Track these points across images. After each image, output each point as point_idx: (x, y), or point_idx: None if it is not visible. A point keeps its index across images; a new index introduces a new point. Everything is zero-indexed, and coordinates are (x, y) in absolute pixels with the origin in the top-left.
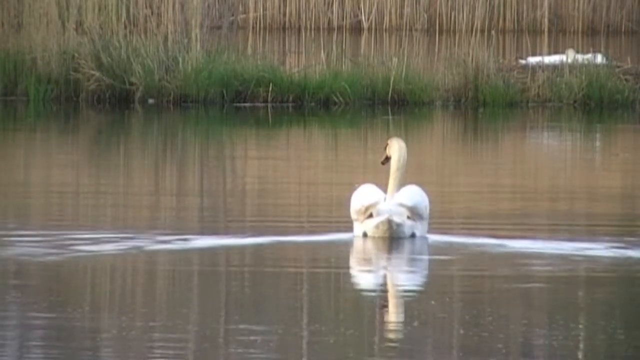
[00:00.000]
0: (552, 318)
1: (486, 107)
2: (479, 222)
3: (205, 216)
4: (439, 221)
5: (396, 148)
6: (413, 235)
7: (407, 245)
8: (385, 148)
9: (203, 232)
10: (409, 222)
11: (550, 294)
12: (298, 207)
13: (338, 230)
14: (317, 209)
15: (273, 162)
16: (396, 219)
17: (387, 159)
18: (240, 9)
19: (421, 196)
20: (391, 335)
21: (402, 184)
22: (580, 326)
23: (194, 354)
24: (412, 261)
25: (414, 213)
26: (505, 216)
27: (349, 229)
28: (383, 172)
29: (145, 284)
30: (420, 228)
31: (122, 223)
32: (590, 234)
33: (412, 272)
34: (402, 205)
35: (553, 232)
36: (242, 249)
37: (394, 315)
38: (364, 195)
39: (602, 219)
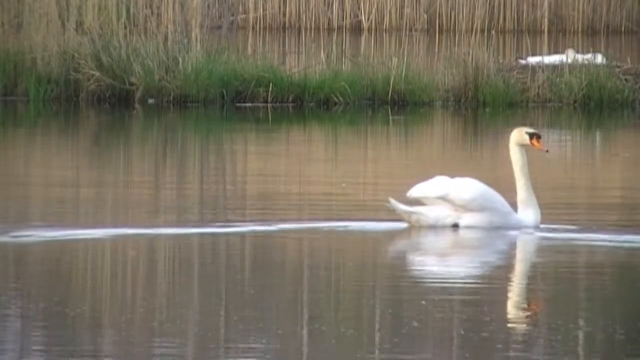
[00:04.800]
0: (549, 318)
1: (486, 107)
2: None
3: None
4: None
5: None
6: (456, 226)
7: (433, 236)
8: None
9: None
10: (444, 212)
11: (550, 285)
12: (296, 202)
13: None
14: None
15: (273, 159)
16: (401, 206)
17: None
18: (240, 9)
19: (459, 188)
20: (389, 335)
21: (526, 185)
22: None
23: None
24: (410, 254)
25: (456, 204)
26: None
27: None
28: (382, 170)
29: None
30: (468, 219)
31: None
32: (589, 227)
33: (415, 266)
34: (425, 196)
35: (553, 224)
36: (242, 237)
37: (392, 314)
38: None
39: (602, 212)
